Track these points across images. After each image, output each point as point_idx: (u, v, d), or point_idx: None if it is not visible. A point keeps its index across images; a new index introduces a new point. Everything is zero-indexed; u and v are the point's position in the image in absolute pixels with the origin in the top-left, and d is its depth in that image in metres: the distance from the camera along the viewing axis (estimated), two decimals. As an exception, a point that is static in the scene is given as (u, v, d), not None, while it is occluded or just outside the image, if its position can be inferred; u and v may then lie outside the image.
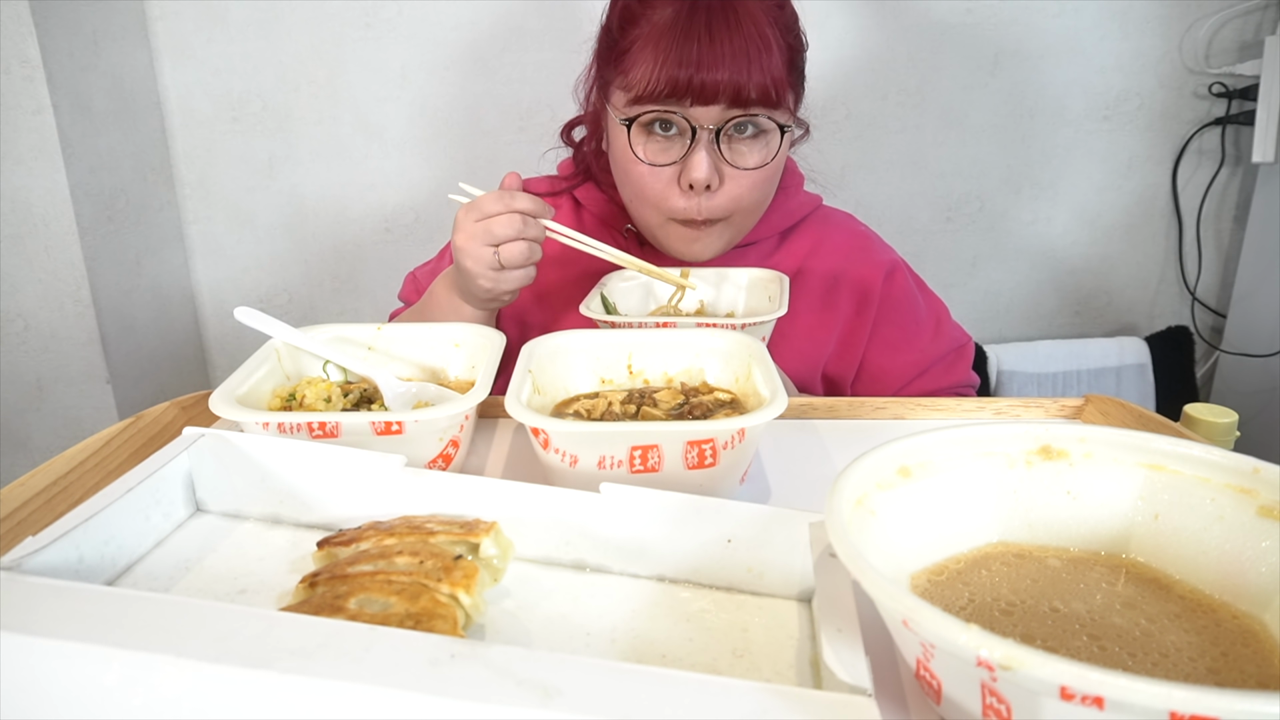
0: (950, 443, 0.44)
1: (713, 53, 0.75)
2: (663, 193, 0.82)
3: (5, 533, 0.51)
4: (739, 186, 0.82)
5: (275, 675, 0.31)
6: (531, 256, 0.76)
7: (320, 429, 0.55)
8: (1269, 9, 1.64)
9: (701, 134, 0.78)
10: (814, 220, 0.98)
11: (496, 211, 0.75)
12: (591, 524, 0.48)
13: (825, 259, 0.95)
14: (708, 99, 0.77)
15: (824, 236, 0.97)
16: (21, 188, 1.40)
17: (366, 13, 1.62)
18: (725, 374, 0.66)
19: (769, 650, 0.42)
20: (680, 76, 0.76)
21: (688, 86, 0.76)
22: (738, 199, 0.82)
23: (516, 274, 0.76)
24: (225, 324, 1.82)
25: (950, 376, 0.97)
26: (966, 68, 1.69)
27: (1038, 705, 0.29)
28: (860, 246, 0.97)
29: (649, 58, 0.77)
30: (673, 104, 0.78)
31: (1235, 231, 1.80)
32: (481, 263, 0.75)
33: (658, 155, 0.81)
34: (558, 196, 0.98)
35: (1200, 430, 0.67)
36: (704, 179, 0.79)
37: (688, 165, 0.80)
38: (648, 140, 0.81)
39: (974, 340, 1.02)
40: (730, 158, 0.80)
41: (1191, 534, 0.42)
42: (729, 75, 0.76)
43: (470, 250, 0.75)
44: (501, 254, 0.75)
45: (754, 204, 0.85)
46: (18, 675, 0.32)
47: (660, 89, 0.77)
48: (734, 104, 0.77)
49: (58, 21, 1.39)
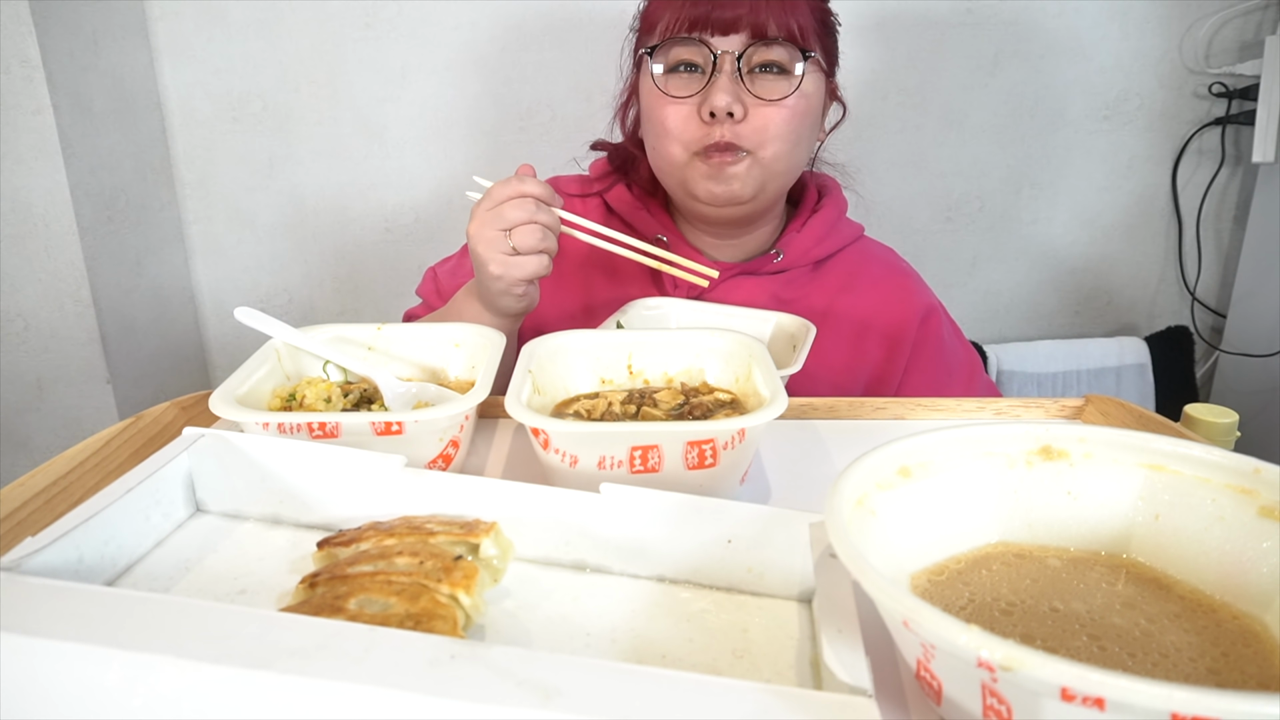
0: (950, 443, 0.44)
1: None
2: (684, 124, 0.82)
3: (5, 533, 0.51)
4: (765, 114, 0.80)
5: (275, 675, 0.31)
6: (545, 241, 0.75)
7: (320, 429, 0.55)
8: (1269, 9, 1.64)
9: (723, 60, 0.79)
10: (852, 252, 0.95)
11: (507, 196, 0.74)
12: (591, 524, 0.48)
13: (860, 296, 0.92)
14: (727, 28, 0.78)
15: (860, 271, 0.94)
16: (21, 188, 1.40)
17: (366, 13, 1.62)
18: (725, 374, 0.66)
19: (769, 650, 0.42)
20: (699, 11, 0.78)
21: (707, 19, 0.78)
22: (762, 129, 0.81)
23: (530, 261, 0.74)
24: (225, 324, 1.82)
25: None
26: (966, 68, 1.69)
27: (1038, 706, 0.29)
28: (898, 285, 0.94)
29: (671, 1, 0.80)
30: (694, 36, 0.79)
31: (1235, 231, 1.80)
32: (494, 247, 0.74)
33: (680, 88, 0.82)
34: (588, 198, 0.96)
35: (1200, 430, 0.67)
36: (725, 105, 0.78)
37: (710, 92, 0.79)
38: (670, 78, 0.82)
39: (975, 340, 1.02)
40: (754, 89, 0.80)
41: (1192, 534, 0.42)
42: (749, 9, 0.78)
43: (482, 235, 0.74)
44: (514, 237, 0.74)
45: (781, 140, 0.82)
46: (18, 675, 0.32)
47: (681, 24, 0.79)
48: (754, 34, 0.79)
49: (58, 21, 1.39)
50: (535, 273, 0.75)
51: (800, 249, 0.91)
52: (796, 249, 0.91)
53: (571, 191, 0.97)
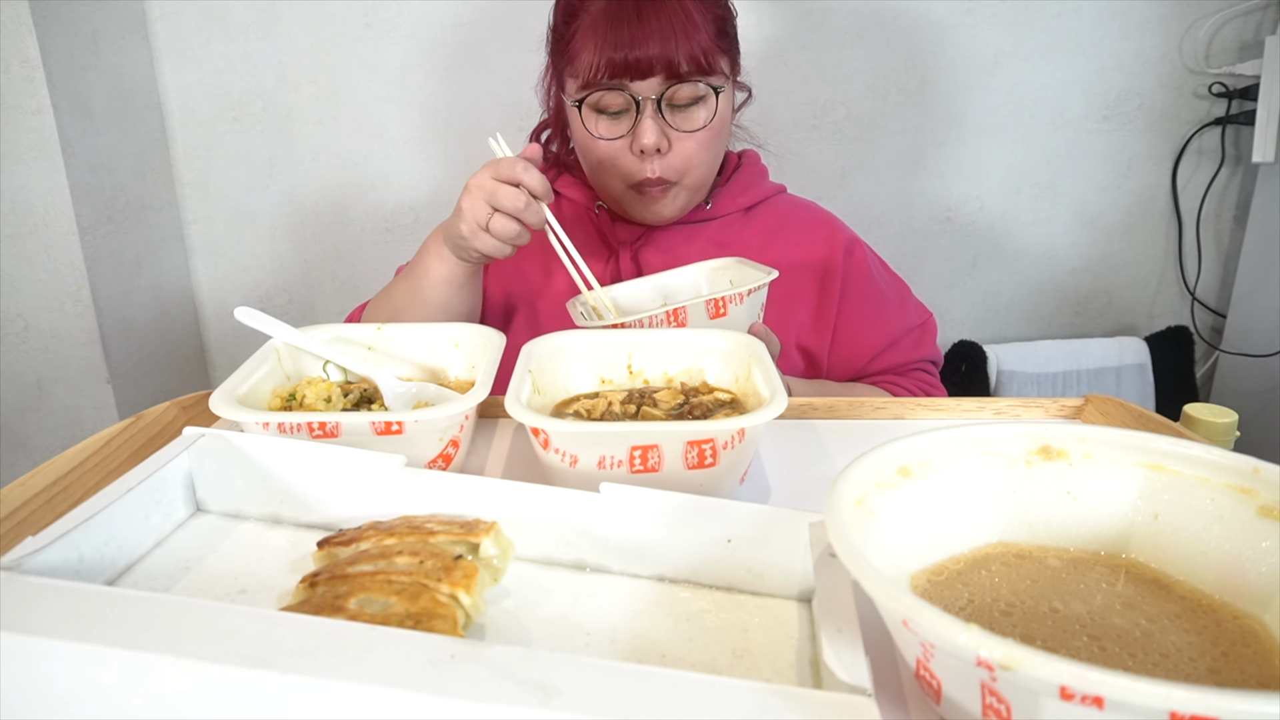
0: (950, 443, 0.44)
1: (643, 32, 0.84)
2: (618, 160, 0.91)
3: (5, 533, 0.51)
4: (687, 147, 0.90)
5: (275, 675, 0.31)
6: (519, 238, 0.80)
7: (320, 429, 0.55)
8: (1269, 9, 1.64)
9: (645, 104, 0.87)
10: (778, 202, 1.06)
11: (510, 180, 0.78)
12: (591, 524, 0.48)
13: (788, 238, 1.02)
14: (643, 73, 0.85)
15: (787, 217, 1.04)
16: (21, 188, 1.40)
17: (366, 13, 1.62)
18: (725, 374, 0.66)
19: (769, 650, 0.42)
20: (616, 57, 0.85)
21: (624, 65, 0.85)
22: (688, 158, 0.91)
23: (493, 242, 0.80)
24: (225, 324, 1.82)
25: (919, 350, 1.03)
26: (966, 68, 1.69)
27: (1038, 705, 0.29)
28: (823, 221, 1.05)
29: (589, 45, 0.86)
30: (614, 83, 0.86)
31: (1235, 231, 1.80)
32: (475, 213, 0.79)
33: (611, 129, 0.90)
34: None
35: (1200, 430, 0.67)
36: (653, 143, 0.87)
37: (637, 134, 0.88)
38: (599, 119, 0.90)
39: (975, 340, 1.04)
40: (674, 123, 0.89)
41: (1191, 534, 0.42)
42: (659, 50, 0.84)
43: (473, 198, 0.79)
44: (493, 222, 0.79)
45: (704, 162, 0.93)
46: (18, 675, 0.32)
47: (601, 71, 0.85)
48: (669, 75, 0.86)
49: (58, 21, 1.39)
50: (494, 254, 0.81)
51: (728, 198, 1.02)
52: (725, 198, 1.02)
53: None
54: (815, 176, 1.75)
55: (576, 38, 0.88)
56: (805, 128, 1.71)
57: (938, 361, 1.07)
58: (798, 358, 1.00)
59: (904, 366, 1.03)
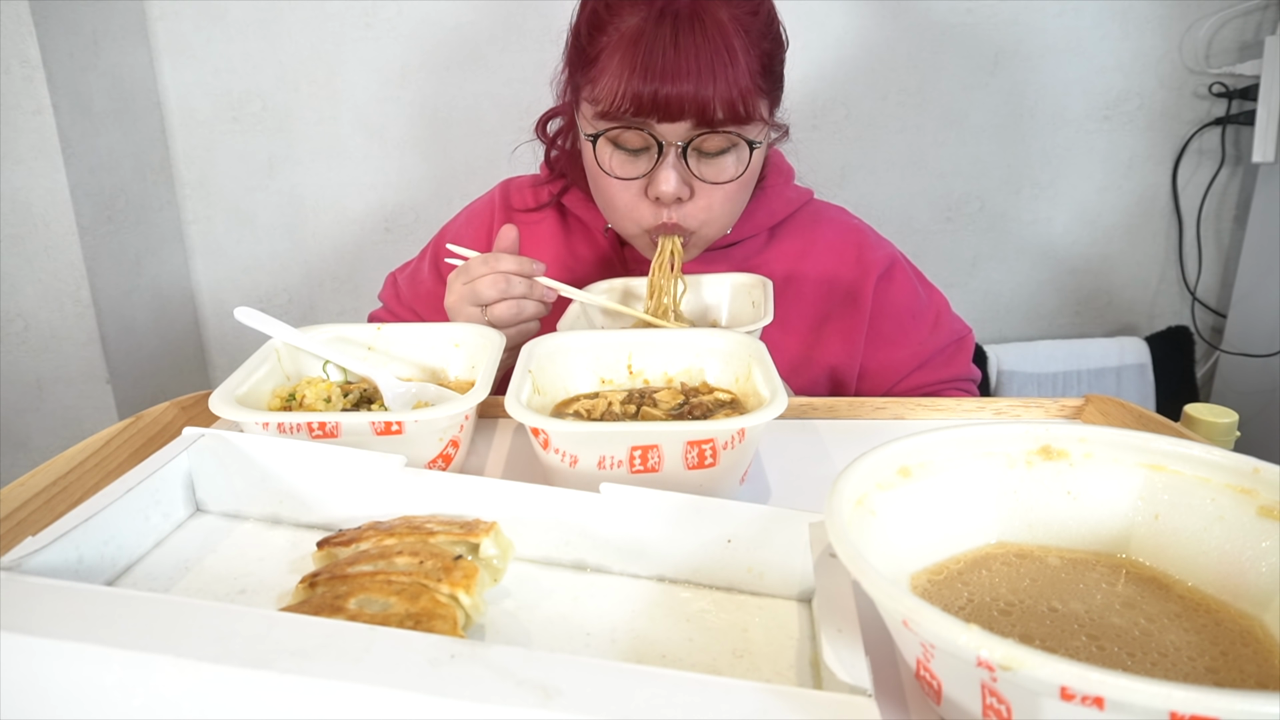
0: (950, 443, 0.44)
1: (678, 67, 0.73)
2: (632, 204, 0.81)
3: (5, 533, 0.51)
4: (709, 199, 0.80)
5: (275, 675, 0.31)
6: (521, 313, 0.75)
7: (320, 429, 0.55)
8: (1269, 9, 1.64)
9: (669, 149, 0.76)
10: (804, 216, 0.96)
11: (481, 274, 0.75)
12: (591, 524, 0.48)
13: (817, 261, 0.93)
14: (672, 115, 0.74)
15: (815, 236, 0.95)
16: (21, 188, 1.40)
17: (366, 13, 1.62)
18: (725, 374, 0.66)
19: (769, 650, 0.42)
20: (645, 93, 0.73)
21: (652, 103, 0.74)
22: (708, 209, 0.81)
23: (509, 332, 0.74)
24: (225, 324, 1.82)
25: (950, 369, 0.96)
26: (966, 68, 1.69)
27: (1038, 705, 0.29)
28: (855, 243, 0.95)
29: (614, 70, 0.75)
30: (638, 121, 0.76)
31: (1235, 231, 1.80)
32: (472, 321, 0.75)
33: (626, 168, 0.79)
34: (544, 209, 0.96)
35: (1200, 430, 0.67)
36: (672, 193, 0.77)
37: (655, 180, 0.78)
38: (615, 153, 0.79)
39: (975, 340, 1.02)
40: (699, 172, 0.78)
41: (1191, 534, 0.42)
42: (694, 90, 0.73)
43: (460, 310, 0.77)
44: (489, 313, 0.75)
45: (725, 215, 0.83)
46: (18, 675, 0.32)
47: (625, 106, 0.74)
48: (700, 122, 0.75)
49: (58, 21, 1.39)
50: (517, 341, 0.75)
51: (750, 221, 0.92)
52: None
53: (528, 199, 0.97)
54: (815, 176, 1.74)
55: (602, 57, 0.76)
56: (805, 128, 1.71)
57: (974, 378, 0.98)
58: (824, 380, 0.94)
59: (935, 385, 0.96)
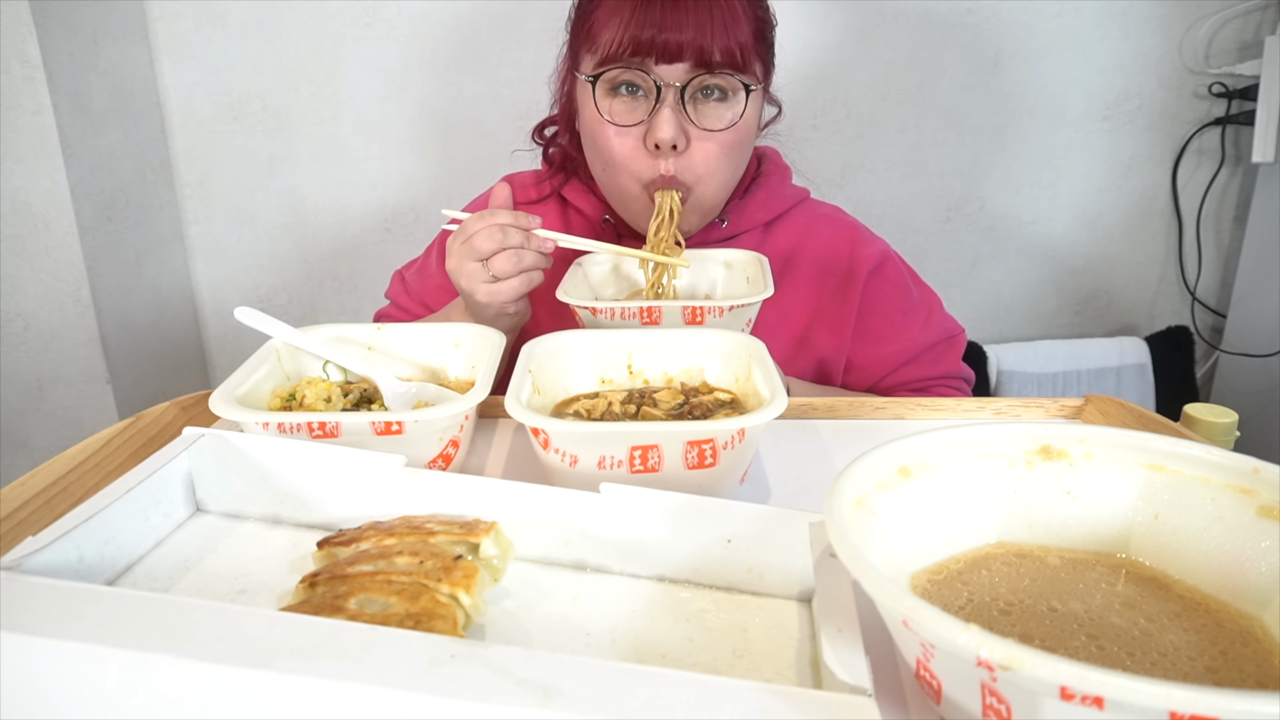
0: (950, 443, 0.44)
1: (677, 12, 0.76)
2: (630, 155, 0.82)
3: (5, 533, 0.51)
4: (707, 149, 0.81)
5: (275, 675, 0.31)
6: (520, 262, 0.76)
7: (320, 429, 0.55)
8: (1269, 9, 1.64)
9: (667, 92, 0.78)
10: (799, 213, 0.97)
11: (478, 229, 0.76)
12: (591, 524, 0.48)
13: (811, 255, 0.95)
14: (672, 56, 0.77)
15: (811, 229, 0.96)
16: (21, 188, 1.40)
17: (366, 13, 1.62)
18: (725, 374, 0.66)
19: (769, 650, 0.42)
20: (643, 35, 0.76)
21: (651, 44, 0.76)
22: (705, 162, 0.81)
23: (512, 283, 0.76)
24: (225, 324, 1.82)
25: (940, 366, 0.96)
26: (966, 68, 1.69)
27: (1038, 705, 0.29)
28: (848, 239, 0.96)
29: (614, 18, 0.77)
30: (636, 61, 0.77)
31: (1235, 231, 1.80)
32: (475, 279, 0.76)
33: (624, 115, 0.81)
34: (545, 201, 0.97)
35: (1200, 430, 0.67)
36: (670, 137, 0.78)
37: (653, 124, 0.79)
38: (614, 101, 0.81)
39: (975, 340, 1.02)
40: (696, 119, 0.80)
41: (1191, 534, 0.42)
42: (693, 35, 0.76)
43: (461, 269, 0.77)
44: (491, 266, 0.76)
45: (722, 171, 0.83)
46: (18, 675, 0.32)
47: (624, 48, 0.77)
48: (698, 64, 0.77)
49: (58, 21, 1.39)
50: (520, 292, 0.77)
51: (746, 214, 0.93)
52: (743, 214, 0.93)
53: (530, 194, 0.98)
54: (815, 176, 1.74)
55: (602, 10, 0.79)
56: (805, 128, 1.71)
57: (966, 377, 0.99)
58: (812, 371, 0.95)
59: (924, 381, 0.96)
